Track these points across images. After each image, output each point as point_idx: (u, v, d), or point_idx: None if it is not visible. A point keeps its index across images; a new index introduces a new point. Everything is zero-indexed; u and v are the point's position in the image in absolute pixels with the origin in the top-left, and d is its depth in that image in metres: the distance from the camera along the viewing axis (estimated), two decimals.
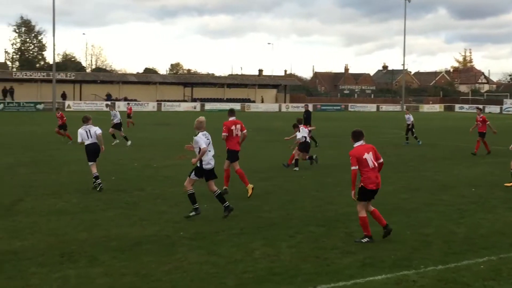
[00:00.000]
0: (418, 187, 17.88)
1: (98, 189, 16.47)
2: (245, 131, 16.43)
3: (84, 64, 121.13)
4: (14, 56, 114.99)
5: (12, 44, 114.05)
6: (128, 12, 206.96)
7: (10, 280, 8.76)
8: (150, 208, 14.26)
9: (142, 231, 11.94)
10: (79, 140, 17.18)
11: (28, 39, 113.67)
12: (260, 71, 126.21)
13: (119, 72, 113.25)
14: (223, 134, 16.01)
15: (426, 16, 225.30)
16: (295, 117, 33.73)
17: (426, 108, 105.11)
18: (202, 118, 13.52)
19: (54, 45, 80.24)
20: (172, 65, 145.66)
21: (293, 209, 14.27)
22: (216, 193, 13.27)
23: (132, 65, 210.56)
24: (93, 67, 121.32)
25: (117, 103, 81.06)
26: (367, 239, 11.19)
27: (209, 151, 13.15)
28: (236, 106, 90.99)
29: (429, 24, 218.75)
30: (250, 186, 15.75)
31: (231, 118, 16.34)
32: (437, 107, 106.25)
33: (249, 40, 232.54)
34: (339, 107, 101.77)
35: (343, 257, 10.19)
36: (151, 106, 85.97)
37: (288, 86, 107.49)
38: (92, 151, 17.04)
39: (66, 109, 78.57)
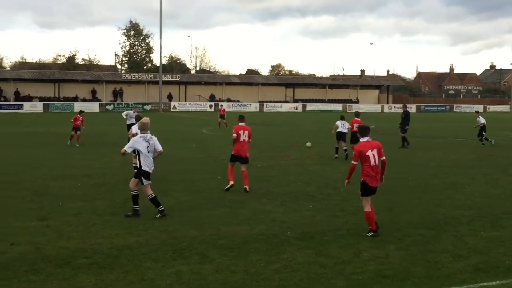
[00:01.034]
0: None
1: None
2: (250, 140, 17.08)
3: (189, 65, 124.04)
4: (123, 59, 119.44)
5: (122, 47, 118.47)
6: (232, 14, 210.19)
7: (127, 274, 9.14)
8: (256, 207, 14.44)
9: (249, 230, 12.12)
10: (134, 132, 18.55)
11: (136, 42, 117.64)
12: (362, 71, 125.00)
13: (223, 74, 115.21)
14: (233, 135, 16.83)
15: None
16: (398, 117, 33.22)
17: None
18: (146, 119, 13.72)
19: (160, 47, 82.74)
20: (272, 66, 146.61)
21: (400, 211, 14.07)
22: (151, 196, 13.28)
23: (235, 67, 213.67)
24: (197, 68, 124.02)
25: (220, 103, 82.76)
26: (372, 233, 11.55)
27: (150, 153, 13.32)
28: (338, 107, 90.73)
29: None
30: (247, 187, 16.50)
31: (240, 124, 17.07)
32: None
33: (352, 40, 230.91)
34: (443, 108, 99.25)
35: (454, 261, 9.96)
36: (254, 107, 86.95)
37: (390, 86, 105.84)
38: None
39: (171, 110, 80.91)
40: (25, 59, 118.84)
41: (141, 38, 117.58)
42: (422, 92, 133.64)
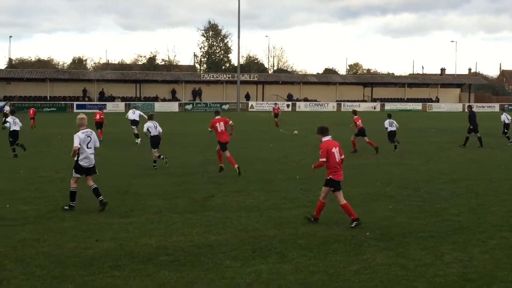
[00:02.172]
0: None
1: (166, 164, 21.23)
2: (230, 122, 20.07)
3: (266, 65, 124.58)
4: (202, 59, 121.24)
5: (200, 48, 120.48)
6: (311, 14, 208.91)
7: (207, 272, 9.26)
8: (334, 208, 14.29)
9: (328, 230, 12.05)
10: (145, 130, 21.55)
11: (215, 43, 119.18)
12: (443, 70, 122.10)
13: (300, 73, 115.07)
14: (209, 129, 20.09)
15: None
16: (480, 117, 32.27)
17: None
18: (82, 115, 14.16)
19: (238, 48, 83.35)
20: (350, 65, 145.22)
21: (483, 213, 13.67)
22: (92, 187, 13.90)
23: (312, 66, 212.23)
24: (275, 68, 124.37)
25: (297, 103, 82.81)
26: (313, 220, 12.62)
27: (89, 148, 13.80)
28: (417, 106, 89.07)
29: None
30: (236, 166, 19.14)
31: (216, 117, 20.06)
32: None
33: (432, 38, 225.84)
34: None
35: None
36: (331, 106, 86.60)
37: (472, 85, 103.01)
38: (156, 141, 21.40)
39: (249, 109, 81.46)
40: (107, 60, 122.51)
41: (220, 38, 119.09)
42: (506, 91, 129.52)
